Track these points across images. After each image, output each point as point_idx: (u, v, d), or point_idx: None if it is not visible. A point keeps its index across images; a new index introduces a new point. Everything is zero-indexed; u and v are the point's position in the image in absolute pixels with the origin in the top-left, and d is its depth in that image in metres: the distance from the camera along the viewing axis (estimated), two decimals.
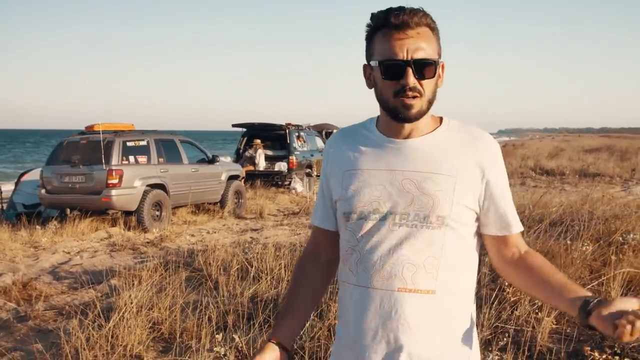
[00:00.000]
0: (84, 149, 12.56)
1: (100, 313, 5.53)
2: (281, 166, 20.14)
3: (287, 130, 19.98)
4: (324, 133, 24.61)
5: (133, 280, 6.58)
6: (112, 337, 5.17)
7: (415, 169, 1.87)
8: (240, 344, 4.89)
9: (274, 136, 20.92)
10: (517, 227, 1.95)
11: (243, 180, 16.26)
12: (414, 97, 1.82)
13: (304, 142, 20.68)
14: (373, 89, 1.92)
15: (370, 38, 1.87)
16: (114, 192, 12.05)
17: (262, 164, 20.40)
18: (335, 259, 2.05)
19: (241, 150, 20.98)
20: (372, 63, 1.87)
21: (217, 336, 4.96)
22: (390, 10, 1.81)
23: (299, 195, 18.59)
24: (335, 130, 25.21)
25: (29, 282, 7.62)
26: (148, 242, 10.88)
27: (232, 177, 15.29)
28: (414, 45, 1.79)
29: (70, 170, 12.50)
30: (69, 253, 9.93)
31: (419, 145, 1.90)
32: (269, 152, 21.10)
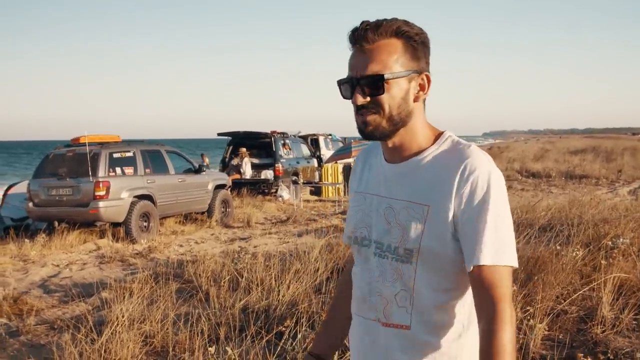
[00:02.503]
0: (70, 162, 12.55)
1: (92, 327, 5.54)
2: (267, 174, 20.18)
3: (272, 138, 20.01)
4: (309, 140, 24.63)
5: (124, 293, 6.59)
6: (104, 351, 5.17)
7: (396, 197, 1.78)
8: (233, 356, 4.92)
9: (259, 144, 20.97)
10: (480, 258, 1.64)
11: (229, 189, 16.29)
12: (371, 113, 1.72)
13: (290, 149, 20.72)
14: None
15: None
16: (101, 203, 12.03)
17: (248, 173, 20.42)
18: None
19: (227, 159, 21.00)
20: None
21: (209, 349, 4.99)
22: (352, 28, 1.72)
23: (286, 203, 18.63)
24: (319, 137, 25.32)
25: (20, 297, 7.62)
26: (137, 253, 10.89)
27: (219, 187, 15.31)
28: (365, 61, 1.70)
29: (57, 182, 12.48)
30: (58, 266, 9.92)
31: (403, 170, 1.79)
32: (255, 160, 21.13)
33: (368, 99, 1.71)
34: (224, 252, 9.92)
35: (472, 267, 1.65)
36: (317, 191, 21.38)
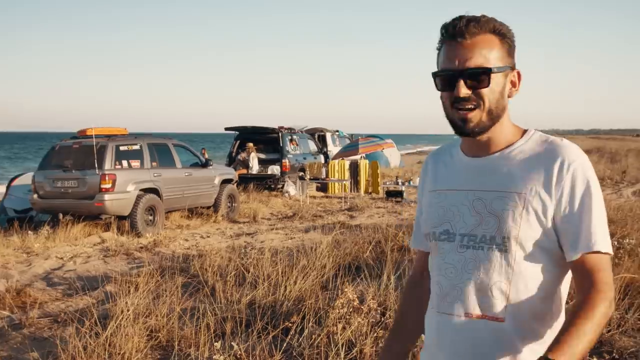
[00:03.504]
0: (76, 154, 12.50)
1: (97, 320, 5.49)
2: (274, 169, 20.11)
3: (279, 134, 19.96)
4: (316, 136, 24.57)
5: (129, 287, 6.52)
6: (109, 345, 5.12)
7: (486, 188, 1.78)
8: (239, 352, 4.85)
9: (266, 139, 20.90)
10: (588, 246, 1.69)
11: (236, 183, 16.22)
12: (471, 108, 1.73)
13: (297, 145, 20.68)
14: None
15: (438, 50, 1.81)
16: (107, 196, 11.97)
17: (255, 168, 20.37)
18: None
19: (234, 154, 20.94)
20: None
21: (215, 344, 4.91)
22: (450, 21, 1.75)
23: (292, 199, 18.57)
24: (327, 134, 25.29)
25: (23, 289, 7.55)
26: (142, 247, 10.82)
27: (226, 181, 15.24)
28: (467, 54, 1.71)
29: (62, 174, 12.43)
30: (62, 259, 9.85)
31: (492, 163, 1.80)
32: (262, 156, 21.08)
33: (470, 91, 1.72)
34: (230, 247, 9.86)
35: (581, 254, 1.68)
36: (323, 187, 21.31)
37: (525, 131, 1.84)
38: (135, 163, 12.82)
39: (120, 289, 6.67)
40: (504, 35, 1.76)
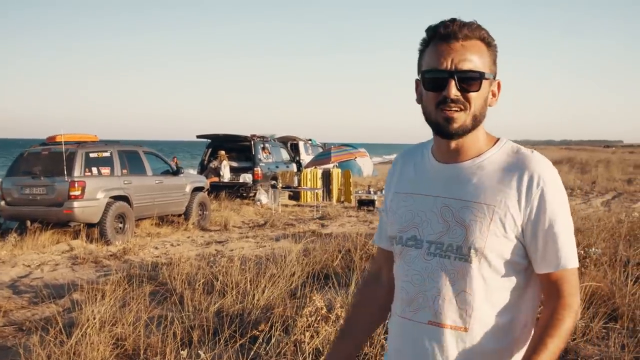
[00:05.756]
0: (45, 160, 12.39)
1: (62, 329, 5.42)
2: (246, 178, 20.08)
3: (252, 142, 19.94)
4: (289, 145, 24.58)
5: (96, 295, 6.46)
6: (74, 354, 5.06)
7: (455, 196, 1.77)
8: None
9: (239, 147, 20.87)
10: (557, 264, 1.73)
11: (207, 191, 16.16)
12: (457, 110, 1.73)
13: (269, 153, 20.66)
14: (421, 104, 1.84)
15: (422, 52, 1.81)
16: (76, 204, 11.87)
17: (226, 176, 20.30)
18: None
19: (205, 162, 20.88)
20: (419, 75, 1.82)
21: (182, 352, 4.90)
22: (441, 23, 1.75)
23: (264, 207, 18.55)
24: (299, 142, 25.30)
25: None
26: (111, 255, 10.74)
27: (197, 189, 15.19)
28: (460, 56, 1.72)
29: (31, 181, 12.31)
30: (29, 266, 9.74)
31: (463, 171, 1.80)
32: (234, 164, 21.03)
33: (459, 94, 1.72)
34: (200, 255, 9.83)
35: (553, 270, 1.73)
36: (295, 196, 21.33)
37: (497, 140, 1.85)
38: (105, 170, 12.74)
39: (87, 297, 6.60)
40: (490, 44, 1.78)
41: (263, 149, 20.26)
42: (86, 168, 12.28)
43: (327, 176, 20.85)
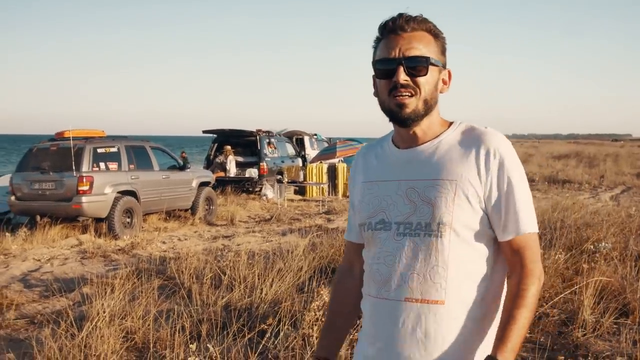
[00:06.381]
0: (54, 156, 12.48)
1: (73, 322, 5.51)
2: (252, 172, 20.14)
3: (257, 137, 19.97)
4: (294, 139, 24.61)
5: (105, 289, 6.54)
6: (85, 346, 5.14)
7: (418, 177, 1.87)
8: (215, 354, 4.91)
9: (244, 142, 20.91)
10: (517, 229, 1.84)
11: (214, 186, 16.24)
12: (408, 95, 1.84)
13: (275, 148, 20.69)
14: (377, 97, 1.95)
15: (375, 47, 1.93)
16: (84, 198, 11.97)
17: (232, 170, 20.37)
18: None
19: (212, 157, 20.94)
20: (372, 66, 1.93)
21: (191, 346, 4.96)
22: (390, 18, 1.88)
23: (270, 202, 18.61)
24: (305, 137, 25.31)
25: (0, 290, 7.55)
26: (119, 249, 10.83)
27: (203, 184, 15.27)
28: (407, 44, 1.84)
29: (40, 177, 12.40)
30: (39, 260, 9.85)
31: (423, 153, 1.90)
32: (240, 159, 21.08)
33: (409, 79, 1.84)
34: (207, 249, 9.90)
35: (514, 236, 1.83)
36: (301, 191, 21.39)
37: (451, 123, 1.97)
38: (113, 165, 12.83)
39: (96, 290, 6.68)
40: (437, 35, 1.90)
41: (269, 143, 20.29)
42: (94, 163, 12.38)
43: (332, 171, 20.89)
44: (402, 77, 1.83)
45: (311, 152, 24.61)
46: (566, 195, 18.47)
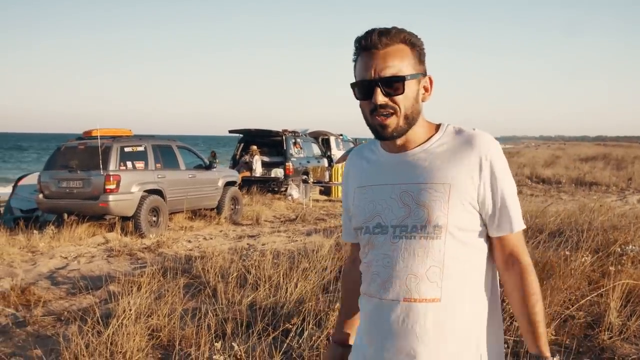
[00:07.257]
0: (81, 154, 12.60)
1: (99, 319, 5.54)
2: (277, 172, 20.19)
3: (283, 137, 20.02)
4: (320, 140, 24.63)
5: (131, 287, 6.58)
6: (111, 343, 5.17)
7: (412, 181, 1.91)
8: (240, 352, 4.92)
9: (270, 142, 20.96)
10: (511, 227, 1.92)
11: (239, 186, 16.28)
12: (388, 114, 1.87)
13: (301, 148, 20.72)
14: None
15: (354, 62, 1.94)
16: (111, 197, 12.07)
17: (258, 170, 20.43)
18: None
19: (237, 156, 21.02)
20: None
21: (216, 344, 4.97)
22: (364, 34, 1.88)
23: (295, 202, 18.63)
24: (330, 137, 25.31)
25: (28, 287, 7.63)
26: (145, 248, 10.90)
27: (229, 183, 15.33)
28: (382, 64, 1.85)
29: (68, 175, 12.53)
30: (66, 258, 9.94)
31: (414, 157, 1.94)
32: (266, 159, 21.13)
33: (387, 98, 1.86)
34: (232, 248, 9.92)
35: (508, 233, 1.92)
36: (326, 191, 21.38)
37: (439, 125, 2.00)
38: (140, 164, 12.92)
39: (123, 288, 6.72)
40: (413, 44, 1.91)
41: (294, 143, 20.32)
42: (121, 162, 12.48)
43: None
44: (380, 98, 1.85)
45: (337, 152, 24.61)
46: (593, 197, 18.28)
